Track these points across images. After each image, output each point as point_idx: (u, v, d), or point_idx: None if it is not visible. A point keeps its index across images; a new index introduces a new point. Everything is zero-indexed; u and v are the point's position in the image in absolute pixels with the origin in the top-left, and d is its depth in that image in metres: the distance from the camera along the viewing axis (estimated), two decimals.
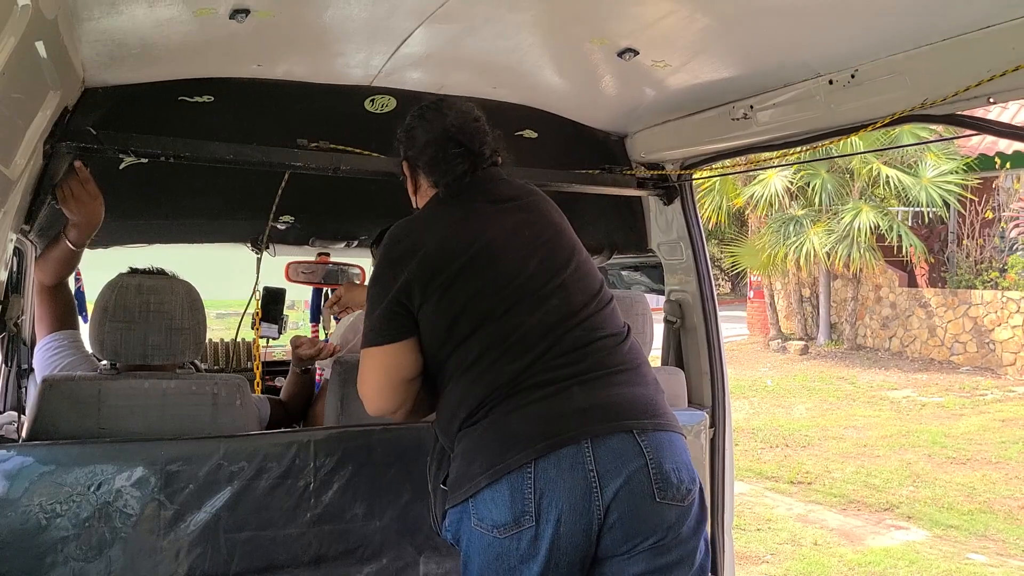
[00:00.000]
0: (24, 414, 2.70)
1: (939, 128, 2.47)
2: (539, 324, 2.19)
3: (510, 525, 2.06)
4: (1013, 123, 2.50)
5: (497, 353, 2.16)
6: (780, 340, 19.01)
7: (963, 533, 7.35)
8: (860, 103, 2.45)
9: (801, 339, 18.84)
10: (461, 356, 2.21)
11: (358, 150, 3.01)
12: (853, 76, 2.45)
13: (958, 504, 8.13)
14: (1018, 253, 14.82)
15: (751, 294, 21.97)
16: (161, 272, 2.91)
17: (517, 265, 2.25)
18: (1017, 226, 14.74)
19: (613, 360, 2.21)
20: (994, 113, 2.45)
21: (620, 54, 2.65)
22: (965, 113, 2.31)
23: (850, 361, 16.73)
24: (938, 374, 14.49)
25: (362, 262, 4.66)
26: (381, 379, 2.33)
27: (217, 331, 5.32)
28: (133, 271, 2.85)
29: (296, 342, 3.38)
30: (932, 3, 2.12)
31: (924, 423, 11.56)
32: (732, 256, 20.01)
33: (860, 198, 15.95)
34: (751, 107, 2.82)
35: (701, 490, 2.23)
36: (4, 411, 3.26)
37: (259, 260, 4.11)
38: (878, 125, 2.44)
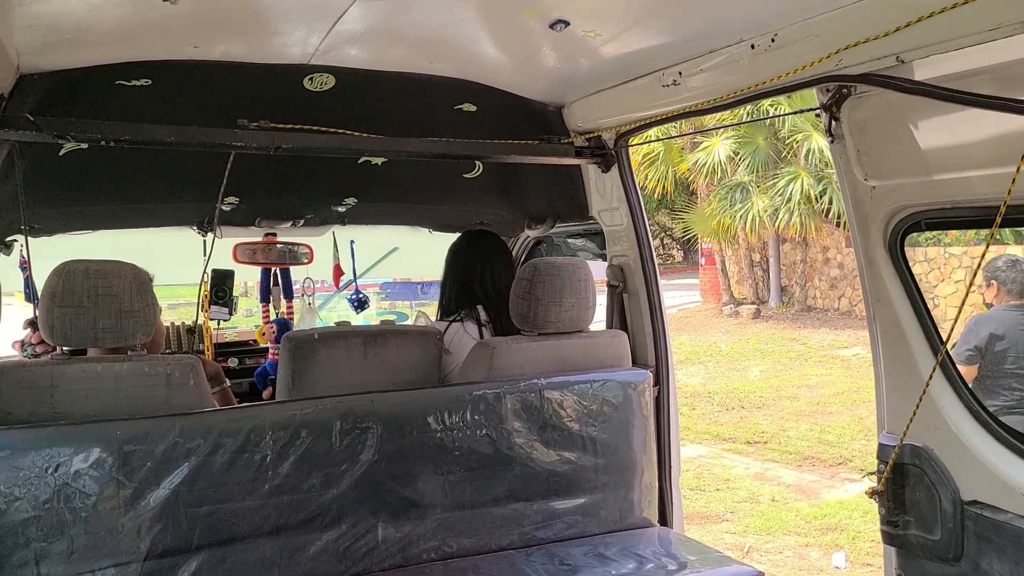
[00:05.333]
0: None
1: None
2: None
3: None
4: (923, 80, 2.60)
5: None
6: (733, 305, 19.39)
7: None
8: (781, 66, 2.56)
9: (753, 303, 19.26)
10: None
11: (299, 128, 3.04)
12: (773, 40, 2.55)
13: None
14: None
15: (703, 261, 22.32)
16: None
17: None
18: None
19: None
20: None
21: (552, 25, 2.72)
22: (878, 72, 2.41)
23: (801, 322, 17.14)
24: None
25: (310, 241, 4.69)
26: None
27: (171, 319, 5.29)
28: None
29: None
30: None
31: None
32: (683, 223, 20.29)
33: (803, 164, 16.30)
34: (680, 73, 2.92)
35: None
36: None
37: (211, 242, 4.12)
38: (798, 86, 2.55)
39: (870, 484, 2.77)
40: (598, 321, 3.61)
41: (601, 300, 3.66)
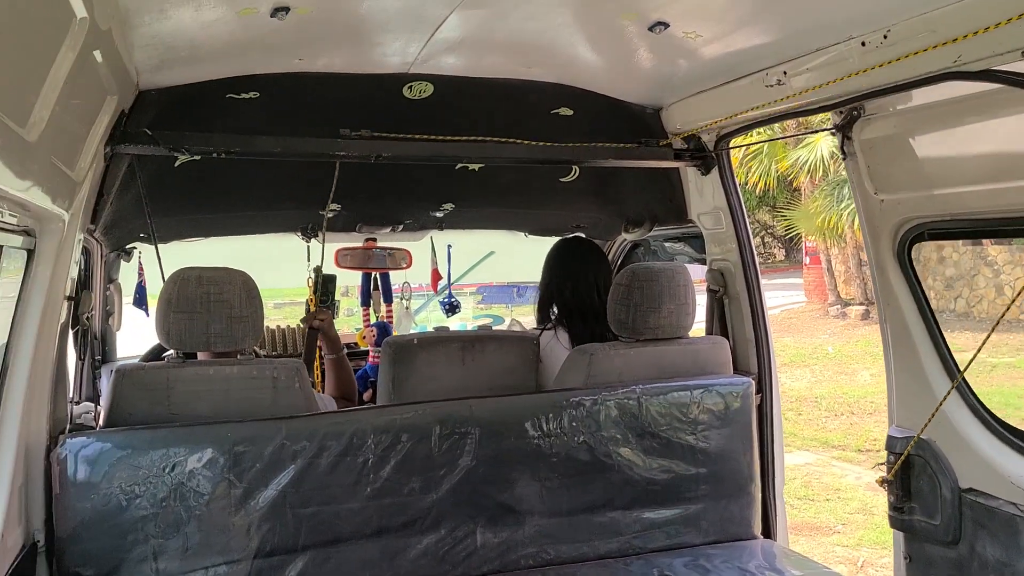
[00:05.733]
0: (99, 404, 2.87)
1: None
2: None
3: None
4: None
5: None
6: (840, 306, 18.69)
7: None
8: (894, 64, 2.45)
9: (861, 304, 18.47)
10: None
11: (398, 136, 3.09)
12: (886, 36, 2.43)
13: None
14: None
15: (807, 260, 21.63)
16: None
17: None
18: None
19: None
20: None
21: (651, 28, 2.68)
22: (1001, 69, 2.29)
23: None
24: (1008, 334, 13.88)
25: (408, 246, 4.77)
26: None
27: (275, 320, 5.49)
28: None
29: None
30: None
31: (995, 384, 11.21)
32: (786, 221, 19.70)
33: None
34: (784, 73, 2.82)
35: None
36: (80, 402, 3.44)
37: (321, 248, 4.23)
38: (912, 84, 2.43)
39: (880, 474, 3.02)
40: (699, 322, 3.55)
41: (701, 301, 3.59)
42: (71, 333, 2.82)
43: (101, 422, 2.70)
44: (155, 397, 2.70)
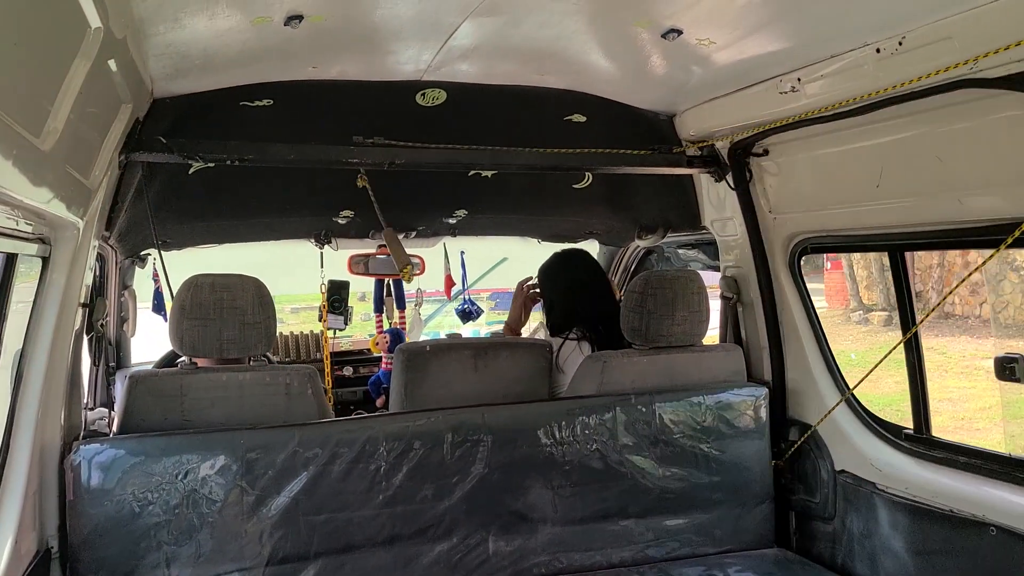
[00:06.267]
0: (113, 409, 2.88)
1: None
2: None
3: None
4: None
5: None
6: (862, 311, 18.38)
7: None
8: (909, 70, 2.42)
9: (884, 309, 18.08)
10: None
11: (411, 143, 3.09)
12: (901, 43, 2.41)
13: None
14: None
15: (828, 264, 21.43)
16: None
17: None
18: None
19: None
20: None
21: (664, 35, 2.67)
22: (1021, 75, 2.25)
23: (939, 330, 15.93)
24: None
25: (421, 252, 4.76)
26: None
27: (293, 324, 5.50)
28: None
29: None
30: None
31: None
32: None
33: None
34: (799, 79, 2.80)
35: None
36: (95, 407, 3.46)
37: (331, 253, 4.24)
38: (928, 92, 2.41)
39: (773, 459, 3.36)
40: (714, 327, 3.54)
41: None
42: (85, 339, 2.83)
43: (115, 428, 2.71)
44: (169, 404, 2.71)
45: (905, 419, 3.13)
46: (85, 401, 2.90)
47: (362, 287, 5.44)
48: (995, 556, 2.52)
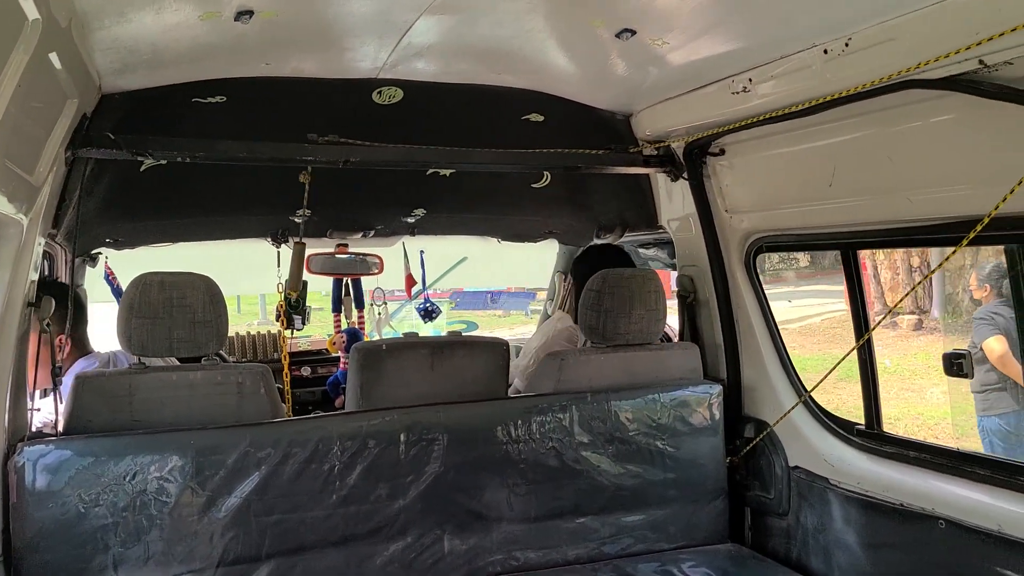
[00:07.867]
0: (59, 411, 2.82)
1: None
2: None
3: None
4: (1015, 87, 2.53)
5: None
6: (890, 316, 17.99)
7: None
8: (855, 71, 2.46)
9: (912, 313, 17.56)
10: None
11: (367, 142, 3.07)
12: (847, 44, 2.45)
13: None
14: None
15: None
16: None
17: None
18: None
19: None
20: None
21: (619, 34, 2.69)
22: (961, 76, 2.30)
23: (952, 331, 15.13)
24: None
25: (381, 252, 4.74)
26: None
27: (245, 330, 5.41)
28: None
29: None
30: None
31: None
32: None
33: None
34: (750, 80, 2.84)
35: None
36: (40, 409, 3.38)
37: (298, 253, 4.18)
38: (874, 92, 2.45)
39: (728, 456, 3.39)
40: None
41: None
42: (32, 339, 2.77)
43: (60, 429, 2.65)
44: (117, 404, 2.67)
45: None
46: (31, 402, 2.83)
47: (320, 287, 5.39)
48: (944, 549, 2.58)
